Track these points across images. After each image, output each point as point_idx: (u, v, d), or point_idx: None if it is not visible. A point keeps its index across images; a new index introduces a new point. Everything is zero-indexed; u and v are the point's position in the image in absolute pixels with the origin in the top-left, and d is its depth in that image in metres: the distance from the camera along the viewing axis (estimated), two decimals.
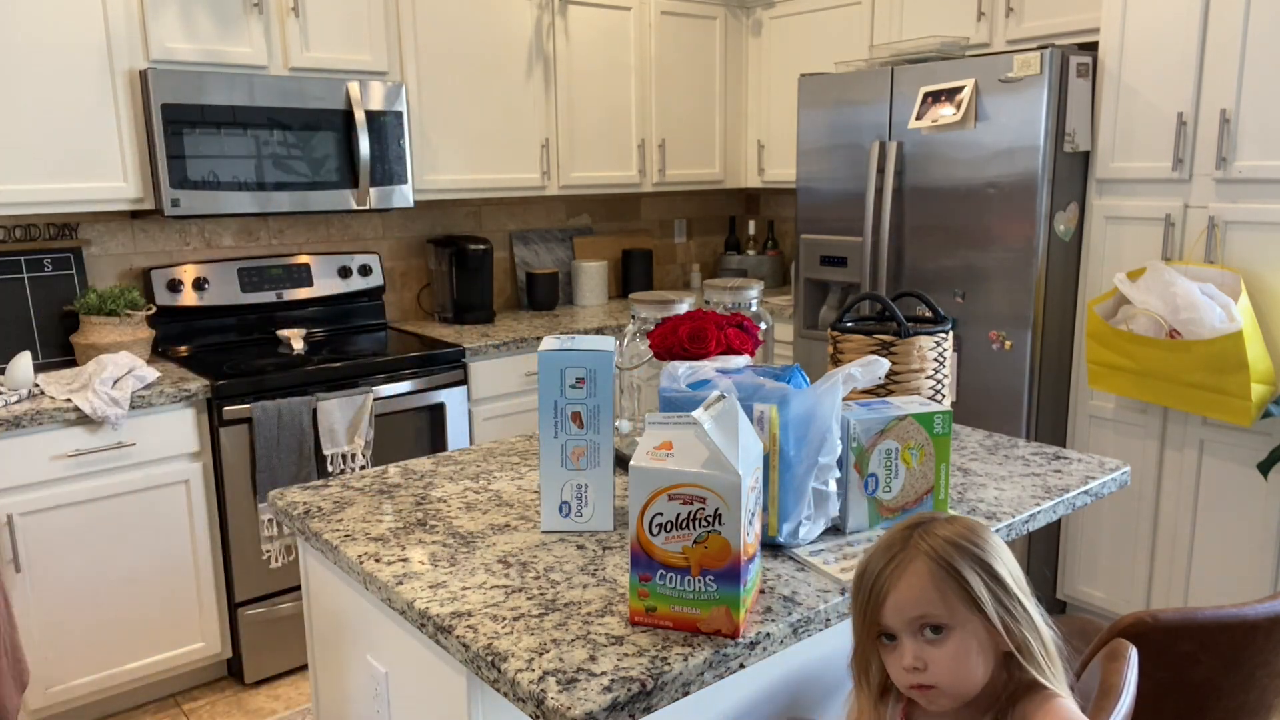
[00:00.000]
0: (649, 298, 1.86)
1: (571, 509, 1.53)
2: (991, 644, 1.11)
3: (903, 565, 1.12)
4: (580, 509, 1.53)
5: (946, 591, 1.09)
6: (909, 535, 1.14)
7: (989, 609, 1.09)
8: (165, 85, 2.76)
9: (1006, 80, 2.88)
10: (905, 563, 1.12)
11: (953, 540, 1.12)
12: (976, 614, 1.10)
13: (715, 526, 1.17)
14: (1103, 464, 1.85)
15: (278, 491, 1.74)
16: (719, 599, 1.19)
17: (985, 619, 1.09)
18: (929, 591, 1.10)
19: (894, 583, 1.11)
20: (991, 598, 1.10)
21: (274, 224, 3.43)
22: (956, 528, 1.14)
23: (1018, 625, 1.10)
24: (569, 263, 4.25)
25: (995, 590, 1.10)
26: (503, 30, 3.54)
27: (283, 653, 2.95)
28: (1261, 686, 1.33)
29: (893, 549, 1.14)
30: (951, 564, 1.10)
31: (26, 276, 2.91)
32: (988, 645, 1.11)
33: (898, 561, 1.12)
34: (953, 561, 1.10)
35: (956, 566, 1.10)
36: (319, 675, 1.76)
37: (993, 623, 1.09)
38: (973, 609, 1.10)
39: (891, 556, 1.13)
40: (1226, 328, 2.50)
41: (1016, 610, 1.10)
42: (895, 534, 1.16)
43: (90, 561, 2.61)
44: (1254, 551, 2.71)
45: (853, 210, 3.41)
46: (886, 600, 1.12)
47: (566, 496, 1.52)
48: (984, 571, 1.10)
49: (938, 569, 1.10)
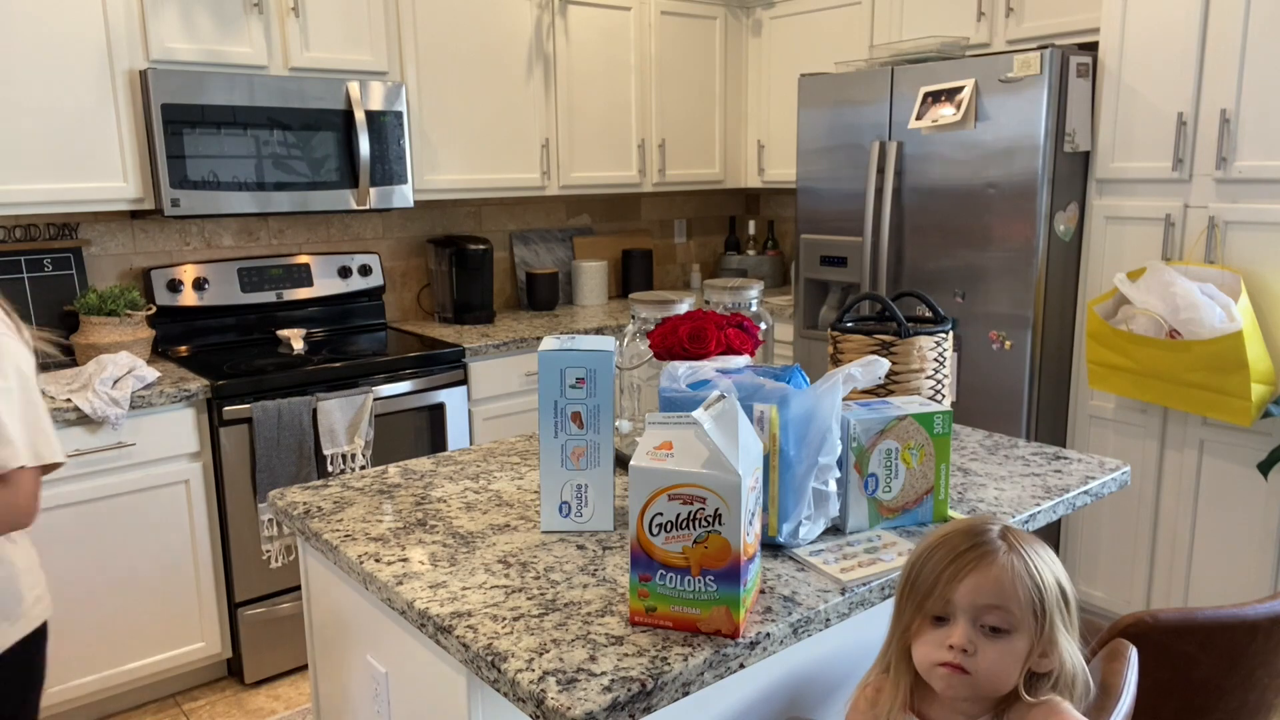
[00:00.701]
0: (649, 298, 1.86)
1: (571, 509, 1.53)
2: (1030, 658, 1.13)
3: (991, 555, 1.13)
4: (580, 509, 1.53)
5: (1025, 595, 1.12)
6: (997, 530, 1.16)
7: (1051, 628, 1.12)
8: (165, 85, 2.76)
9: (1006, 80, 2.88)
10: (993, 553, 1.13)
11: (1041, 554, 1.15)
12: (1037, 627, 1.12)
13: (715, 526, 1.17)
14: (1103, 464, 1.85)
15: (278, 491, 1.75)
16: (719, 599, 1.19)
17: (1040, 636, 1.12)
18: (1011, 587, 1.12)
19: (979, 566, 1.13)
20: (1061, 620, 1.13)
21: (274, 224, 3.43)
22: (1042, 544, 1.17)
23: (1059, 653, 1.13)
24: (569, 263, 4.25)
25: (1064, 614, 1.13)
26: (503, 30, 3.54)
27: (283, 653, 2.95)
28: (1261, 686, 1.33)
29: (978, 536, 1.15)
30: (1039, 572, 1.13)
31: (26, 276, 2.91)
32: (1026, 658, 1.13)
33: (986, 549, 1.14)
34: (1040, 571, 1.13)
35: (1043, 576, 1.13)
36: (319, 675, 1.76)
37: (1045, 642, 1.12)
38: (1036, 622, 1.12)
39: (977, 543, 1.14)
40: (1226, 328, 2.50)
41: (1067, 637, 1.13)
42: (977, 524, 1.17)
43: (90, 561, 2.61)
44: (1254, 551, 2.71)
45: (853, 210, 3.41)
46: (965, 580, 1.13)
47: (566, 497, 1.52)
48: (1061, 594, 1.14)
49: (1025, 572, 1.12)
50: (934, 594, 1.15)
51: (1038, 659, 1.13)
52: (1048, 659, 1.12)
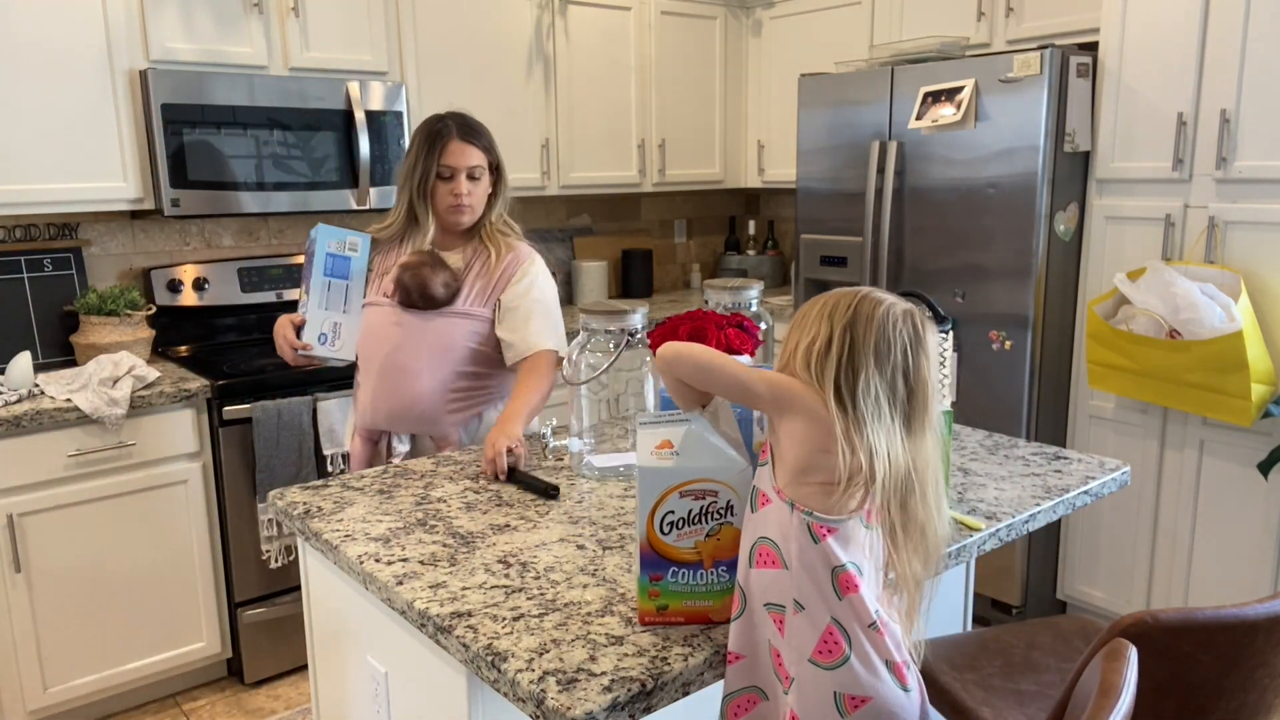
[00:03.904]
0: (598, 308, 1.79)
1: (329, 339, 2.02)
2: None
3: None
4: (334, 340, 2.03)
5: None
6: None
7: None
8: (165, 85, 2.76)
9: (1006, 80, 2.88)
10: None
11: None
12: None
13: (728, 518, 1.18)
14: (1103, 464, 1.85)
15: (278, 491, 1.75)
16: (730, 588, 1.20)
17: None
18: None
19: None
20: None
21: (274, 224, 3.43)
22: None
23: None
24: (569, 263, 4.25)
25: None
26: (503, 30, 3.54)
27: (283, 653, 2.95)
28: (1261, 687, 1.33)
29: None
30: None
31: (26, 276, 2.91)
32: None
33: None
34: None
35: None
36: (319, 675, 1.76)
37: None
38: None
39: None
40: (1226, 328, 2.50)
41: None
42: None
43: (90, 561, 2.61)
44: (1254, 551, 2.71)
45: (853, 210, 3.40)
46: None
47: (325, 330, 2.02)
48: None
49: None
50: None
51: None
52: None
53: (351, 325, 2.06)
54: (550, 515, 1.61)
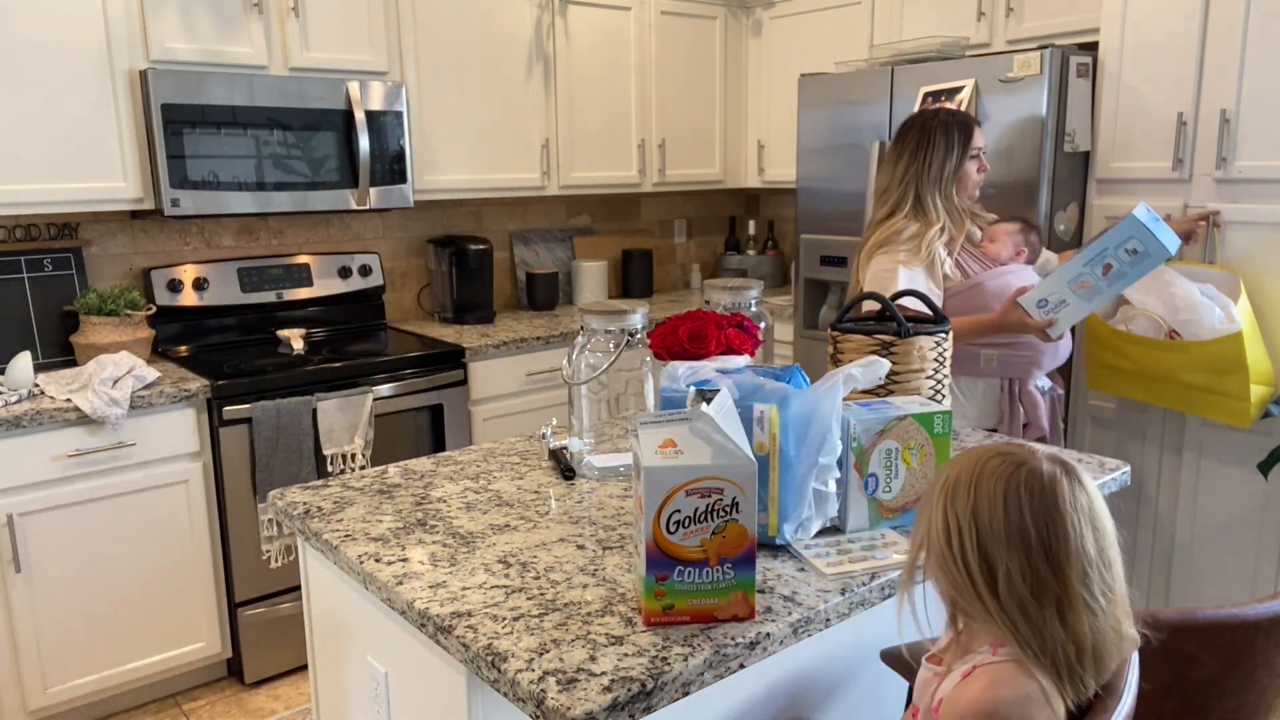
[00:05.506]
0: (598, 308, 1.79)
1: (1049, 307, 2.10)
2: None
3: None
4: (1051, 313, 2.10)
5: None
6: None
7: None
8: (165, 85, 2.76)
9: (1006, 80, 2.88)
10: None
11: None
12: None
13: (734, 515, 1.18)
14: (1103, 464, 1.85)
15: (278, 491, 1.75)
16: (736, 584, 1.20)
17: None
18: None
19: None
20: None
21: (274, 224, 3.43)
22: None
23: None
24: (569, 263, 4.25)
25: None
26: (503, 30, 3.54)
27: (283, 653, 2.95)
28: (1261, 687, 1.33)
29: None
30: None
31: (27, 276, 2.91)
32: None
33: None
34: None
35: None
36: (319, 675, 1.76)
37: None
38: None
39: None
40: (1226, 329, 2.50)
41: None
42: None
43: (90, 561, 2.61)
44: (1254, 551, 2.71)
45: (853, 210, 3.40)
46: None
47: (1050, 298, 2.09)
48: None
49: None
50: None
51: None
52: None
53: (1076, 312, 2.12)
54: (550, 515, 1.62)
